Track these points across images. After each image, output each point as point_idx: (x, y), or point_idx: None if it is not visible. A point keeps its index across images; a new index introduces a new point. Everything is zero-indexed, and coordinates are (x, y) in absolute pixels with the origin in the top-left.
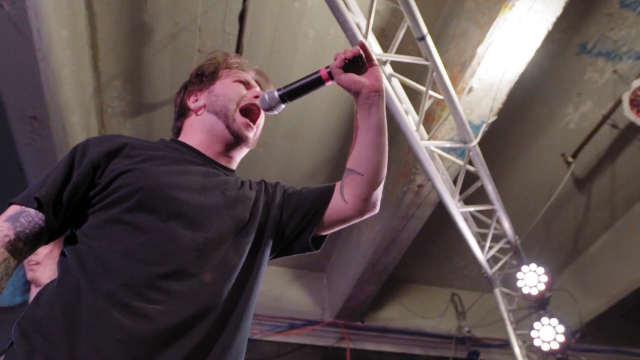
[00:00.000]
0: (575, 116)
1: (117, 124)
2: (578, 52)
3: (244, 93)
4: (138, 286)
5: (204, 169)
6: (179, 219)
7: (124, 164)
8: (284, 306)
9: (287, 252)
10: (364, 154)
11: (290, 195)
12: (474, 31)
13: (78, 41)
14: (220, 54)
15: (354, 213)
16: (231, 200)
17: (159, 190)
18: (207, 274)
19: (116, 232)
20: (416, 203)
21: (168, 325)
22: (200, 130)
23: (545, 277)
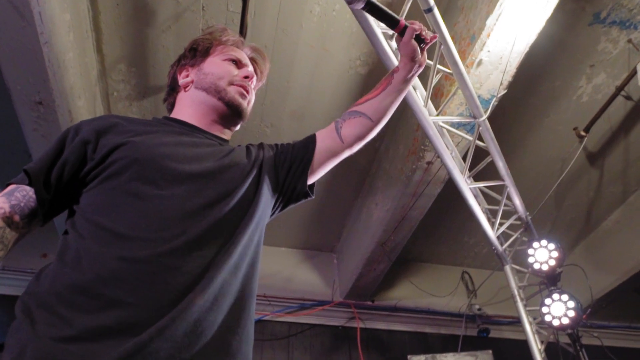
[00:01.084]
0: (588, 89)
1: (124, 107)
2: (591, 21)
3: (235, 72)
4: (145, 254)
5: (197, 140)
6: (177, 187)
7: (117, 139)
8: (294, 287)
9: (287, 204)
10: (384, 107)
11: (282, 152)
12: (483, 2)
13: (81, 24)
14: (217, 29)
15: (344, 149)
16: (226, 165)
17: (154, 161)
18: (209, 238)
19: (117, 202)
20: (425, 180)
21: (179, 286)
22: (190, 105)
23: (556, 252)
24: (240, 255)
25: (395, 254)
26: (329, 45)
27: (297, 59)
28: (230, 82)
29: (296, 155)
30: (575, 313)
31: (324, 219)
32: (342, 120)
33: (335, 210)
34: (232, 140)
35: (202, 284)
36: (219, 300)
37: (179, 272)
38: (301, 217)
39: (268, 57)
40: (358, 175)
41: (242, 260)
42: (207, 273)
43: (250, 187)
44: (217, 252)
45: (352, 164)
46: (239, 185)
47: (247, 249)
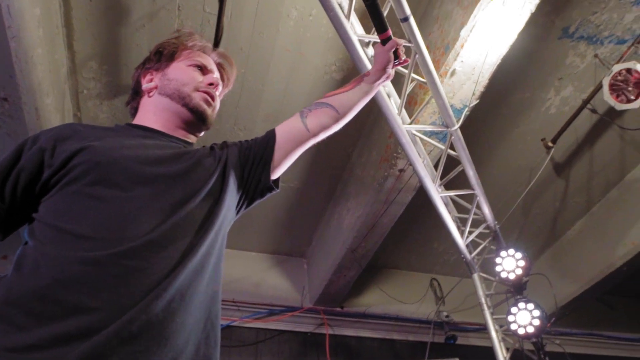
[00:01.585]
0: (556, 101)
1: (94, 106)
2: (560, 36)
3: (200, 79)
4: (107, 254)
5: (160, 142)
6: (142, 189)
7: (77, 144)
8: (263, 292)
9: (252, 199)
10: (351, 103)
11: (245, 148)
12: (457, 13)
13: (51, 19)
14: (184, 33)
15: (309, 138)
16: (190, 166)
17: (116, 164)
18: (175, 238)
19: (78, 206)
20: (397, 188)
21: (143, 287)
22: (154, 112)
23: (523, 262)
24: (205, 255)
25: (365, 260)
26: (305, 50)
27: (273, 62)
28: (195, 89)
29: (257, 150)
30: (540, 322)
31: (295, 224)
32: (308, 110)
33: (306, 215)
34: (204, 142)
35: (165, 284)
36: (185, 301)
37: (143, 273)
38: (272, 222)
39: (244, 60)
40: (330, 181)
41: (207, 261)
42: (172, 273)
43: (215, 187)
44: (182, 253)
45: (324, 170)
46: (204, 185)
47: (211, 249)
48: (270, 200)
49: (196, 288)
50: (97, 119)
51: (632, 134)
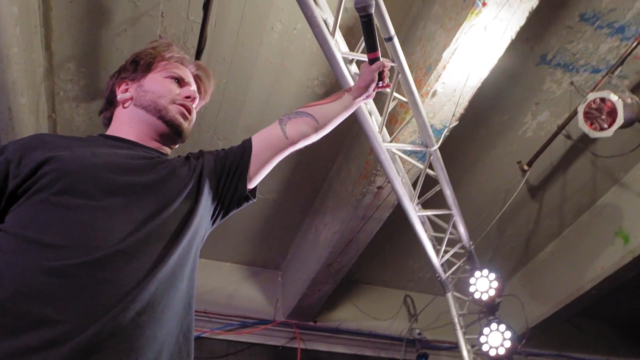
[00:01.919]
0: (533, 125)
1: (70, 108)
2: (538, 62)
3: (177, 91)
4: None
5: (133, 152)
6: (113, 198)
7: (45, 154)
8: (236, 304)
9: (228, 209)
10: (331, 115)
11: (221, 157)
12: (440, 35)
13: (30, 19)
14: (161, 44)
15: (288, 145)
16: (164, 176)
17: (87, 172)
18: (146, 249)
19: (46, 215)
20: (375, 204)
21: (112, 299)
22: (128, 123)
23: (497, 283)
24: (178, 265)
25: (340, 275)
26: (288, 63)
27: (256, 74)
28: (171, 101)
29: (234, 159)
30: (511, 343)
31: (271, 236)
32: (287, 118)
33: (283, 228)
34: (183, 150)
35: (133, 295)
36: (156, 313)
37: (112, 284)
38: (248, 233)
39: (226, 70)
40: (308, 194)
41: (180, 271)
42: (141, 284)
43: (189, 197)
44: (153, 263)
45: (302, 183)
46: (178, 196)
47: (185, 259)
48: (247, 211)
49: (169, 300)
50: (73, 121)
51: (604, 161)
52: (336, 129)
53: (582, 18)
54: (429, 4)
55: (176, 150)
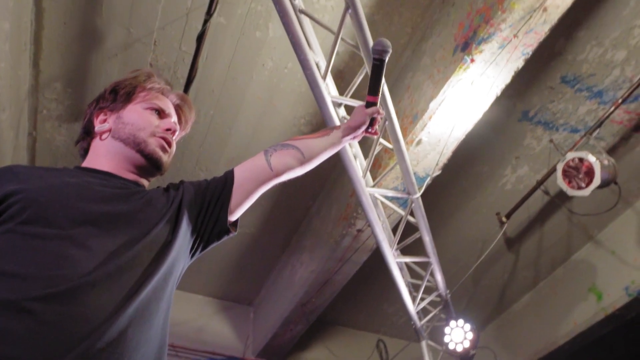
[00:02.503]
0: (512, 178)
1: (51, 127)
2: (520, 118)
3: (156, 123)
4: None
5: (107, 182)
6: (83, 228)
7: (13, 185)
8: (205, 338)
9: (208, 242)
10: (317, 150)
11: (202, 188)
12: (428, 86)
13: (20, 35)
14: (142, 73)
15: (272, 177)
16: (139, 206)
17: (55, 202)
18: (117, 281)
19: (10, 245)
20: (354, 247)
21: (77, 334)
22: (105, 156)
23: (471, 334)
24: (151, 300)
25: (314, 316)
26: (276, 100)
27: (243, 108)
28: (151, 134)
29: (215, 191)
30: None
31: (246, 271)
32: (272, 150)
33: (258, 263)
34: (163, 179)
35: (101, 332)
36: (127, 351)
37: (78, 320)
38: (222, 266)
39: (214, 102)
40: (286, 231)
41: (154, 307)
42: (111, 319)
43: (166, 228)
44: (125, 297)
45: (282, 219)
46: (154, 227)
47: (160, 294)
48: (224, 244)
49: (142, 335)
50: (53, 141)
51: (579, 218)
52: (319, 168)
53: (563, 80)
54: (418, 55)
55: (156, 180)
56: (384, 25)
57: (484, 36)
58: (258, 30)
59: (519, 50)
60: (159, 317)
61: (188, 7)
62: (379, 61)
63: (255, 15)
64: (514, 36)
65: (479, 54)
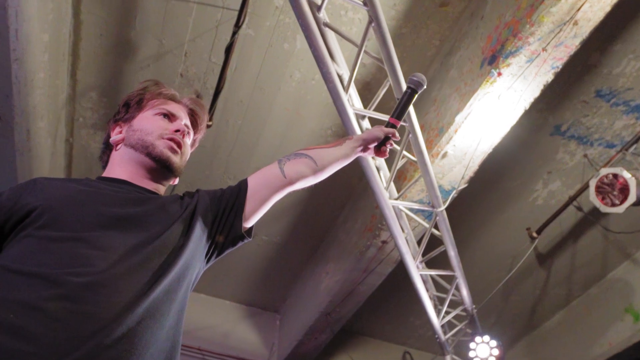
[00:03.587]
0: (544, 193)
1: (87, 135)
2: (552, 132)
3: (165, 126)
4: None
5: (121, 189)
6: (95, 231)
7: (37, 195)
8: (231, 343)
9: (223, 248)
10: (330, 159)
11: (217, 196)
12: (454, 99)
13: (59, 47)
14: (151, 83)
15: (286, 185)
16: (151, 210)
17: (70, 206)
18: (127, 282)
19: (29, 248)
20: (378, 258)
21: (86, 332)
22: (120, 164)
23: (497, 350)
24: (164, 301)
25: (338, 325)
26: (303, 111)
27: (270, 118)
28: (159, 137)
29: (229, 198)
30: None
31: (272, 279)
32: (286, 159)
33: (285, 271)
34: (193, 185)
35: (109, 329)
36: (136, 350)
37: (87, 317)
38: (250, 273)
39: (242, 112)
40: (313, 241)
41: (165, 307)
42: (119, 318)
43: (179, 232)
44: (133, 297)
45: (308, 229)
46: (165, 230)
47: (172, 295)
48: (252, 252)
49: (151, 336)
50: (88, 147)
51: (615, 236)
52: (346, 178)
53: (597, 94)
54: (446, 67)
55: (183, 188)
56: (411, 38)
57: (512, 49)
58: (286, 42)
59: (548, 64)
60: (171, 318)
61: (218, 19)
62: (412, 90)
63: (283, 27)
64: (543, 50)
65: (507, 67)
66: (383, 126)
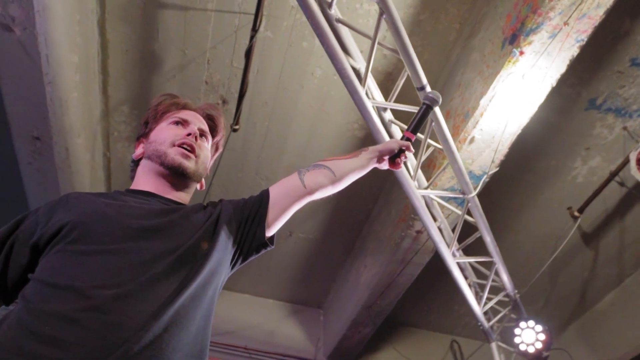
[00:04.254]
0: (584, 170)
1: (122, 147)
2: (587, 107)
3: (178, 133)
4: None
5: (145, 200)
6: (122, 243)
7: (69, 211)
8: (276, 341)
9: (247, 255)
10: (348, 170)
11: (240, 205)
12: (478, 82)
13: (89, 66)
14: (165, 97)
15: (306, 194)
16: (175, 220)
17: (98, 220)
18: (154, 290)
19: (62, 262)
20: (414, 249)
21: (118, 340)
22: (142, 177)
23: (543, 335)
24: (190, 308)
25: (380, 318)
26: (327, 107)
27: (296, 117)
28: (171, 144)
29: (252, 208)
30: None
31: (313, 275)
32: (305, 170)
33: (325, 266)
34: (227, 189)
35: (137, 337)
36: (164, 356)
37: (117, 327)
38: (290, 271)
39: (268, 113)
40: (349, 235)
41: (193, 314)
42: (147, 326)
43: (204, 240)
44: (161, 305)
45: (344, 223)
46: (189, 239)
47: (198, 302)
48: (289, 250)
49: (178, 342)
50: (125, 160)
51: None
52: (378, 170)
53: (633, 63)
54: (468, 51)
55: (218, 191)
56: (430, 24)
57: (532, 27)
58: (304, 40)
59: (572, 38)
60: (197, 323)
61: (236, 25)
62: (427, 106)
63: (301, 26)
64: (565, 24)
65: (528, 45)
66: (397, 139)
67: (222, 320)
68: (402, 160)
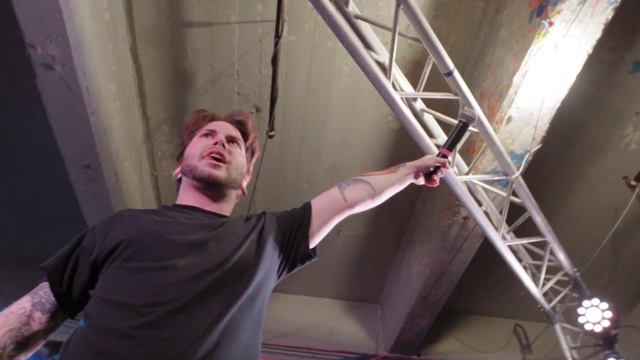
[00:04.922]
0: (636, 136)
1: (167, 165)
2: (632, 70)
3: (207, 144)
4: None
5: (190, 215)
6: (172, 259)
7: (122, 229)
8: (337, 339)
9: (292, 266)
10: (386, 184)
11: (283, 218)
12: (509, 60)
13: (127, 92)
14: (194, 113)
15: (346, 208)
16: (221, 233)
17: (148, 238)
18: (204, 304)
19: (119, 280)
20: (463, 235)
21: (172, 354)
22: (183, 192)
23: (610, 312)
24: (240, 320)
25: (437, 308)
26: (359, 103)
27: (330, 116)
28: (200, 157)
29: (296, 219)
30: None
31: (365, 271)
32: (346, 184)
33: (376, 262)
34: (268, 195)
35: (192, 350)
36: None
37: (171, 342)
38: (342, 268)
39: (301, 116)
40: (396, 228)
41: (243, 324)
42: (200, 339)
43: (249, 253)
44: (213, 319)
45: (390, 217)
46: (235, 252)
47: (248, 313)
48: (339, 248)
49: (231, 353)
50: (171, 176)
51: None
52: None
53: None
54: (496, 29)
55: (262, 198)
56: (453, 6)
57: None
58: (328, 39)
59: (604, 1)
60: (248, 335)
61: (260, 34)
62: (463, 124)
63: (323, 26)
64: None
65: (557, 15)
66: (433, 155)
67: (282, 322)
68: (439, 176)
